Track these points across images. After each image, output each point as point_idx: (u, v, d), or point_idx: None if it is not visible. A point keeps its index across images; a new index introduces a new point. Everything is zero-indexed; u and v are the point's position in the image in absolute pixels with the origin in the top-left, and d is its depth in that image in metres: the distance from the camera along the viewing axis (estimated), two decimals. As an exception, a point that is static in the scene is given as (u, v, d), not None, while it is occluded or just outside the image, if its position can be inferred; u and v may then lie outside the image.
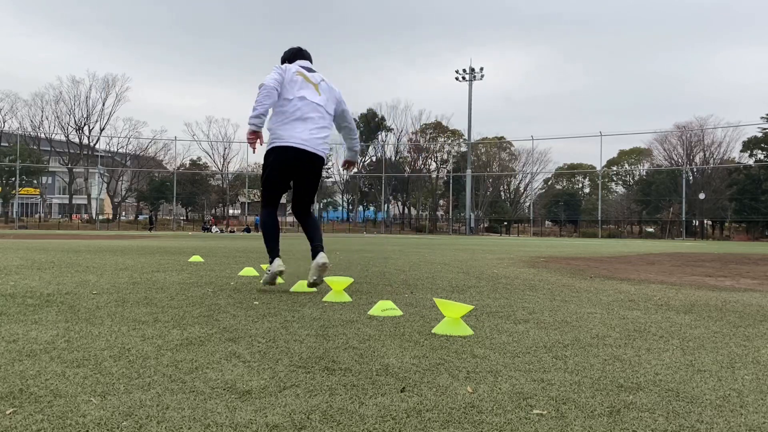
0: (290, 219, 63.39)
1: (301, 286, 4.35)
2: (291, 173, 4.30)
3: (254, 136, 4.12)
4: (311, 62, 4.54)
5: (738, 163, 53.63)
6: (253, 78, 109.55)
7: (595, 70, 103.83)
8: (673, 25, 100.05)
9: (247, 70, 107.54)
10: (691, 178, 54.45)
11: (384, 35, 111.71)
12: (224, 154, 65.67)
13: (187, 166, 64.52)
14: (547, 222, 64.70)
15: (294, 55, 4.52)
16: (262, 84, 4.14)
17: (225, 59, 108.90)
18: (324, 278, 4.11)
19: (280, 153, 4.19)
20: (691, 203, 50.81)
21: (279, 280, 4.93)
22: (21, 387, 1.77)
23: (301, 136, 4.17)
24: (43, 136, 61.35)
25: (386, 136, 65.44)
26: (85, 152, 62.31)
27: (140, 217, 61.17)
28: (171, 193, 58.60)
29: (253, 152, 4.23)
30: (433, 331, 2.75)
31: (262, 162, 4.52)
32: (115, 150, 63.81)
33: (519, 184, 69.00)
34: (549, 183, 72.73)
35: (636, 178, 67.85)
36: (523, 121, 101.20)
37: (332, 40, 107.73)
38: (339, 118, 4.54)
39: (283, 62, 4.50)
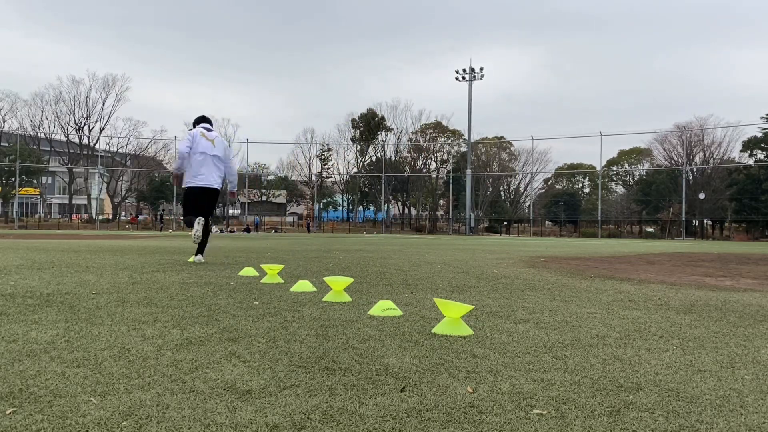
0: (289, 219, 63.36)
1: (301, 286, 4.35)
2: (196, 199, 6.94)
3: (176, 179, 7.37)
4: (210, 124, 7.25)
5: (738, 163, 53.64)
6: (253, 78, 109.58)
7: (595, 70, 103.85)
8: (673, 25, 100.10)
9: (248, 70, 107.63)
10: (691, 178, 54.45)
11: (384, 35, 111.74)
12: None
13: (187, 166, 64.36)
14: (547, 222, 64.71)
15: (200, 120, 7.20)
16: (180, 151, 6.91)
17: (225, 59, 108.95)
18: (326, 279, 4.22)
19: (189, 191, 6.94)
20: (691, 203, 50.82)
21: (279, 279, 4.94)
22: (21, 387, 1.77)
23: (204, 177, 6.91)
24: (43, 136, 61.36)
25: (386, 136, 65.43)
26: (85, 152, 62.32)
27: (140, 217, 61.13)
28: (171, 193, 58.60)
29: (176, 187, 7.12)
30: (433, 331, 2.75)
31: (183, 191, 7.15)
32: (115, 150, 63.83)
33: (519, 184, 69.05)
34: (549, 183, 72.75)
35: (636, 178, 67.86)
36: (523, 121, 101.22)
37: (332, 40, 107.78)
38: (225, 160, 7.13)
39: (193, 124, 7.19)
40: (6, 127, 61.03)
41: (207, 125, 7.10)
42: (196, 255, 6.87)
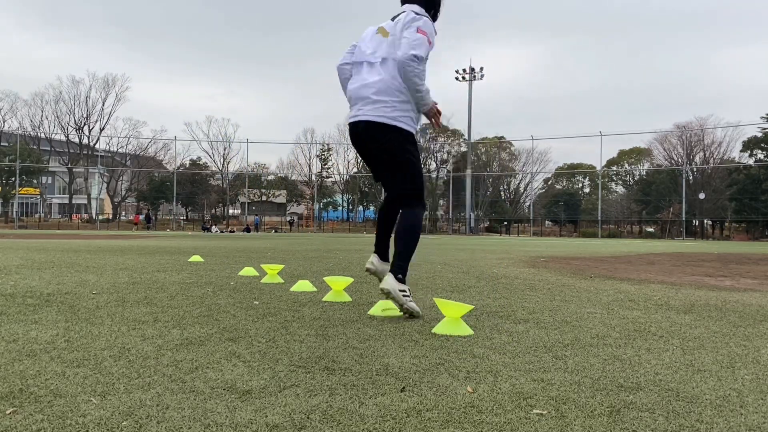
0: (287, 219, 63.28)
1: (301, 286, 4.35)
2: (363, 155, 3.64)
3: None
4: (414, 2, 3.44)
5: (738, 163, 53.65)
6: (253, 78, 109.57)
7: (596, 69, 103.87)
8: (673, 25, 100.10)
9: (248, 70, 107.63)
10: (691, 178, 54.46)
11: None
12: (224, 154, 65.78)
13: (187, 165, 64.56)
14: (547, 222, 64.72)
15: None
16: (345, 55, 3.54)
17: (225, 59, 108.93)
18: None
19: (350, 133, 3.60)
20: (691, 203, 50.82)
21: (279, 279, 4.94)
22: (21, 387, 1.77)
23: (353, 104, 3.54)
24: (43, 136, 61.38)
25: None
26: (85, 152, 62.33)
27: (141, 216, 61.15)
28: (171, 192, 58.62)
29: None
30: (433, 331, 2.75)
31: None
32: (115, 150, 63.85)
33: (519, 184, 69.06)
34: (549, 183, 72.75)
35: (636, 178, 67.87)
36: (523, 121, 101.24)
37: (332, 39, 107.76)
38: (399, 49, 3.31)
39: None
40: (6, 127, 61.10)
41: (405, 7, 3.42)
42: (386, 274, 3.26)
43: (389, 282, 3.12)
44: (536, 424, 1.55)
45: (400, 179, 3.37)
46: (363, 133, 3.34)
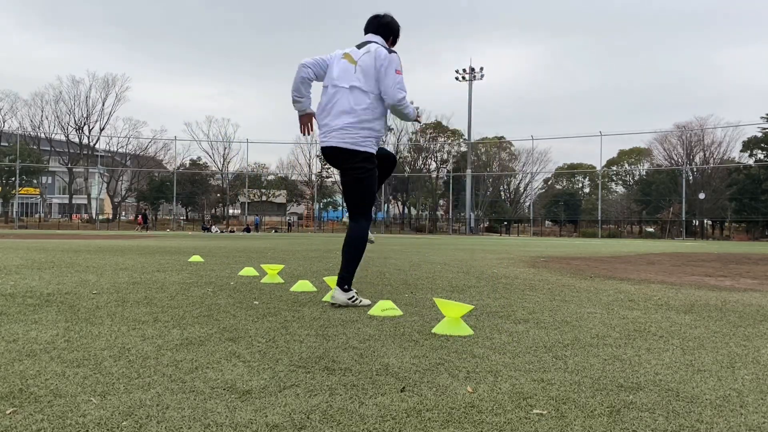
0: (288, 218, 63.29)
1: (301, 286, 4.35)
2: (337, 167, 4.02)
3: (302, 121, 3.93)
4: (380, 32, 3.87)
5: (738, 163, 53.64)
6: (253, 77, 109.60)
7: (596, 69, 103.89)
8: (673, 25, 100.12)
9: (248, 70, 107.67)
10: (691, 178, 54.46)
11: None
12: (224, 153, 65.77)
13: (187, 165, 64.56)
14: (547, 222, 64.72)
15: (366, 26, 3.95)
16: (302, 63, 3.82)
17: (225, 59, 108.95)
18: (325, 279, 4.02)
19: (323, 153, 3.96)
20: (691, 203, 50.82)
21: (279, 279, 4.94)
22: (21, 387, 1.77)
23: (326, 128, 3.82)
24: (43, 136, 61.37)
25: (386, 136, 65.40)
26: (85, 152, 62.33)
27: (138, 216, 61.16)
28: (171, 192, 58.62)
29: (305, 133, 3.96)
30: (433, 331, 2.75)
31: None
32: (115, 150, 63.85)
33: (519, 184, 69.05)
34: (549, 183, 72.76)
35: (636, 178, 67.88)
36: (523, 121, 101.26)
37: (333, 39, 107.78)
38: (379, 81, 3.75)
39: (364, 30, 3.98)
40: (6, 127, 61.09)
41: (370, 37, 3.83)
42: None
43: (337, 297, 3.59)
44: (536, 424, 1.55)
45: (354, 197, 3.82)
46: (337, 156, 3.74)
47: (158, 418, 1.53)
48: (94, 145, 62.31)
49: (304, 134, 3.92)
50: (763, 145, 51.49)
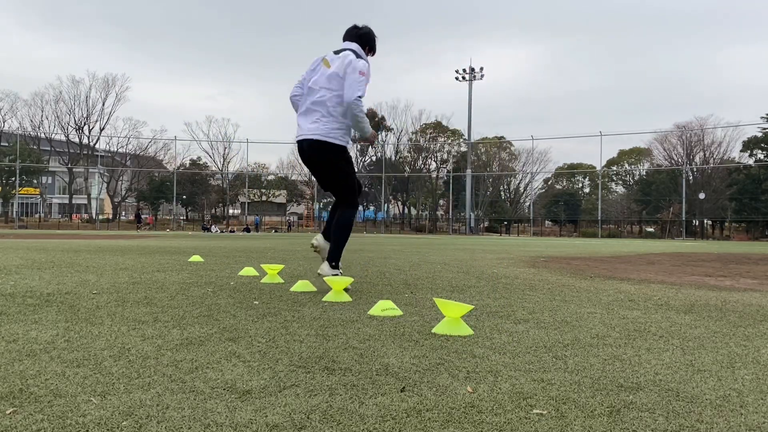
0: (288, 218, 63.25)
1: (301, 286, 4.35)
2: (308, 166, 4.46)
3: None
4: (356, 39, 4.30)
5: (738, 162, 53.65)
6: (253, 77, 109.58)
7: (596, 69, 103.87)
8: (673, 25, 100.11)
9: (248, 70, 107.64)
10: (691, 178, 54.45)
11: (384, 35, 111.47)
12: (224, 153, 65.78)
13: (187, 165, 64.57)
14: (547, 222, 64.72)
15: (344, 35, 4.40)
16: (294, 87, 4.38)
17: (225, 59, 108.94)
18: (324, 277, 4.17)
19: (298, 149, 4.38)
20: (691, 203, 50.81)
21: (279, 279, 4.94)
22: (21, 387, 1.77)
23: (301, 128, 4.28)
24: (43, 135, 61.38)
25: (386, 135, 65.41)
26: (85, 152, 62.33)
27: (142, 216, 61.16)
28: (171, 192, 58.62)
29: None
30: (433, 331, 2.75)
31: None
32: (115, 150, 63.85)
33: (519, 184, 69.06)
34: (549, 183, 72.76)
35: (636, 178, 67.87)
36: (523, 121, 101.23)
37: (333, 39, 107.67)
38: (344, 81, 4.15)
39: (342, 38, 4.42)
40: (6, 127, 61.12)
41: (346, 44, 4.28)
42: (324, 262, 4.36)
43: (323, 268, 4.24)
44: (536, 424, 1.55)
45: (337, 186, 4.28)
46: (307, 149, 4.16)
47: (158, 418, 1.53)
48: (94, 145, 62.35)
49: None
50: (763, 145, 51.48)
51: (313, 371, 2.01)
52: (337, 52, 4.20)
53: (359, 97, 4.01)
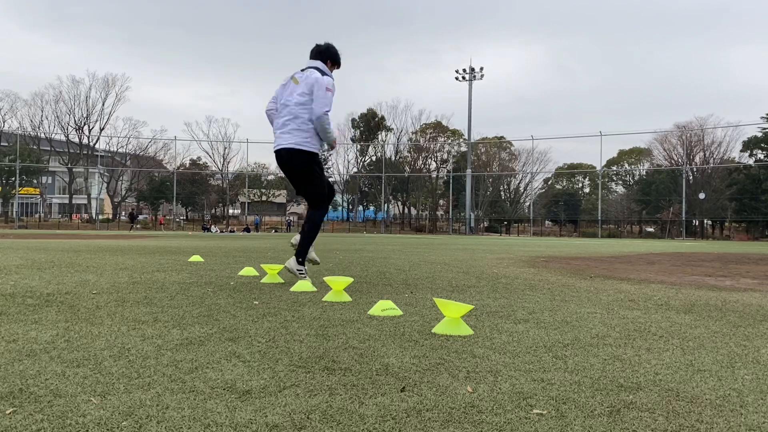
0: (288, 218, 63.28)
1: (301, 286, 4.35)
2: (284, 173, 4.92)
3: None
4: (321, 58, 4.82)
5: (738, 162, 53.66)
6: (253, 77, 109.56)
7: (596, 69, 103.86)
8: (673, 25, 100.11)
9: (248, 69, 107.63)
10: (691, 178, 54.45)
11: (384, 35, 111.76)
12: (224, 153, 65.76)
13: (187, 165, 64.57)
14: (547, 222, 64.73)
15: (311, 54, 4.88)
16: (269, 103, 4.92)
17: (225, 58, 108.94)
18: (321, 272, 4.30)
19: (276, 158, 4.82)
20: (691, 203, 50.82)
21: (279, 279, 4.95)
22: (21, 387, 1.77)
23: (277, 139, 4.75)
24: (43, 135, 61.38)
25: (386, 135, 65.47)
26: (85, 152, 62.34)
27: (140, 217, 61.08)
28: (171, 192, 58.63)
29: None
30: (433, 331, 2.75)
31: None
32: (115, 150, 63.86)
33: (519, 183, 69.07)
34: (549, 183, 72.76)
35: (636, 178, 67.87)
36: (523, 121, 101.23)
37: (333, 39, 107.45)
38: (313, 99, 4.64)
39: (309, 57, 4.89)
40: (6, 127, 61.12)
41: (312, 62, 4.79)
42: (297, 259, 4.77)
43: (290, 262, 4.71)
44: (536, 424, 1.55)
45: (308, 190, 4.78)
46: (285, 156, 4.66)
47: (158, 418, 1.53)
48: (94, 145, 62.36)
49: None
50: (763, 145, 51.49)
51: (313, 371, 2.01)
52: (303, 70, 4.75)
53: (326, 112, 4.58)
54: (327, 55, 4.83)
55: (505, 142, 66.41)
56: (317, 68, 4.71)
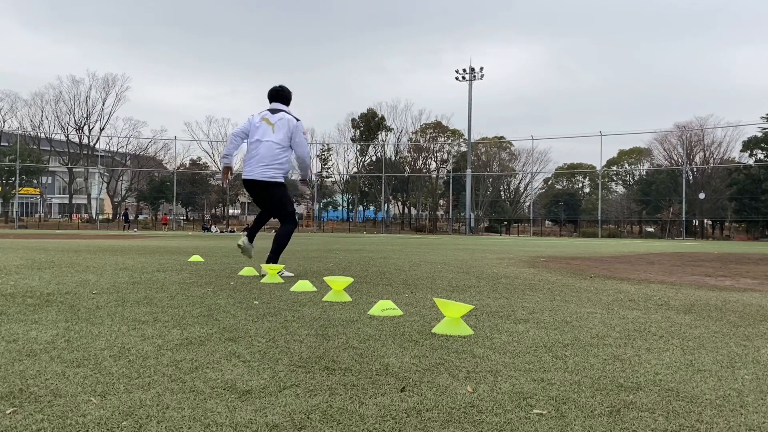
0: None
1: (301, 285, 4.35)
2: (253, 197, 5.77)
3: (224, 172, 5.85)
4: (284, 101, 5.76)
5: (738, 162, 53.63)
6: (253, 77, 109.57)
7: (596, 69, 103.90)
8: (673, 25, 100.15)
9: (248, 69, 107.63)
10: (691, 178, 54.45)
11: (385, 35, 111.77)
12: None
13: (187, 165, 64.58)
14: (547, 222, 64.72)
15: (271, 96, 5.80)
16: (233, 132, 5.79)
17: (226, 58, 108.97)
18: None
19: (244, 184, 5.79)
20: (691, 203, 50.81)
21: (279, 279, 4.94)
22: (21, 387, 1.77)
23: (250, 170, 5.60)
24: (43, 135, 61.38)
25: (386, 135, 65.46)
26: (85, 152, 62.34)
27: (140, 217, 61.10)
28: (171, 192, 58.63)
29: (223, 185, 6.47)
30: (433, 331, 2.75)
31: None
32: (115, 150, 63.87)
33: (519, 183, 69.06)
34: (549, 183, 72.78)
35: (636, 178, 67.89)
36: (523, 121, 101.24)
37: (332, 39, 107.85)
38: (293, 144, 5.65)
39: (269, 97, 5.83)
40: (6, 127, 61.10)
41: (277, 105, 5.70)
42: (267, 260, 5.56)
43: (265, 268, 5.20)
44: (536, 424, 1.55)
45: (280, 211, 5.68)
46: (256, 185, 5.57)
47: (158, 418, 1.53)
48: (94, 145, 62.35)
49: (224, 185, 5.84)
50: (763, 145, 51.47)
51: (313, 371, 2.01)
52: (273, 112, 5.62)
53: (308, 152, 5.74)
54: (288, 99, 5.77)
55: (505, 142, 66.41)
56: (287, 112, 5.62)
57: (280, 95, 5.74)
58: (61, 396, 1.69)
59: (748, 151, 53.46)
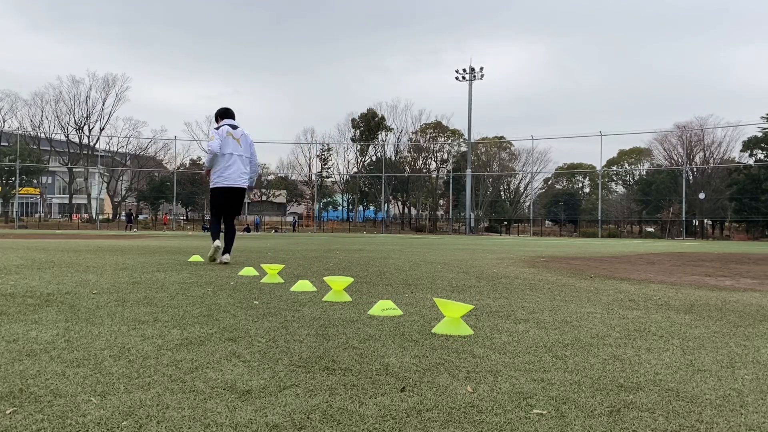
0: (289, 218, 63.31)
1: (301, 285, 4.35)
2: (224, 201, 6.98)
3: (208, 174, 7.12)
4: (234, 118, 7.16)
5: (738, 162, 53.64)
6: (253, 77, 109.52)
7: (596, 69, 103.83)
8: (673, 25, 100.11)
9: (248, 68, 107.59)
10: (691, 177, 54.45)
11: (385, 35, 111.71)
12: (224, 153, 65.62)
13: (187, 165, 64.59)
14: (547, 222, 64.75)
15: (223, 114, 7.14)
16: (211, 149, 6.85)
17: (226, 58, 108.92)
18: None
19: (217, 191, 7.00)
20: (691, 203, 50.82)
21: (279, 279, 4.94)
22: (21, 387, 1.77)
23: (232, 178, 6.92)
24: (43, 135, 61.40)
25: (386, 135, 65.48)
26: (85, 152, 62.34)
27: (140, 217, 61.07)
28: (171, 192, 58.63)
29: (207, 177, 7.22)
30: (433, 331, 2.75)
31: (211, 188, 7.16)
32: (115, 150, 63.88)
33: (519, 183, 69.08)
34: (549, 183, 72.78)
35: (636, 177, 67.87)
36: (523, 121, 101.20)
37: (332, 39, 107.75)
38: (252, 157, 7.16)
39: (216, 117, 7.18)
40: (6, 127, 61.14)
41: (232, 121, 7.04)
42: (223, 254, 6.83)
43: (227, 257, 6.79)
44: (536, 424, 1.55)
45: (238, 211, 7.14)
46: (237, 191, 6.96)
47: (158, 418, 1.53)
48: (94, 145, 62.38)
49: (207, 176, 7.22)
50: (763, 145, 51.48)
51: (313, 371, 2.01)
52: (234, 127, 6.98)
53: (258, 162, 7.22)
54: (233, 117, 7.15)
55: (505, 142, 66.42)
56: (241, 127, 7.04)
57: (231, 113, 7.14)
58: (61, 396, 1.69)
59: (748, 151, 53.47)
